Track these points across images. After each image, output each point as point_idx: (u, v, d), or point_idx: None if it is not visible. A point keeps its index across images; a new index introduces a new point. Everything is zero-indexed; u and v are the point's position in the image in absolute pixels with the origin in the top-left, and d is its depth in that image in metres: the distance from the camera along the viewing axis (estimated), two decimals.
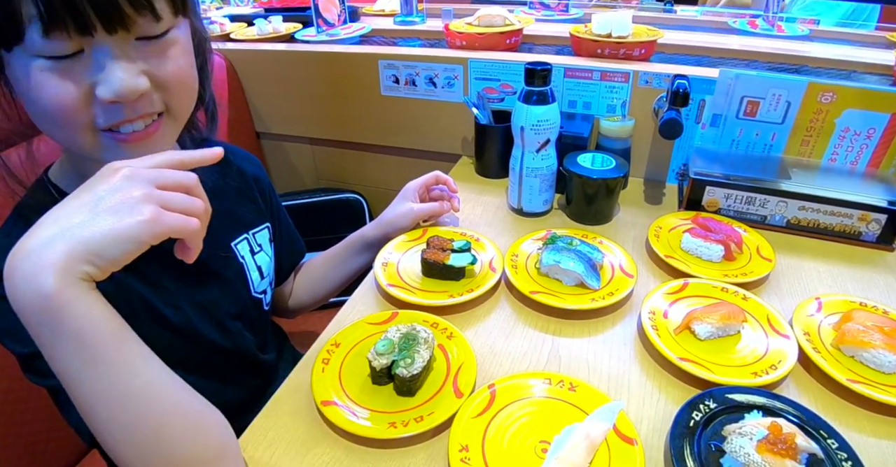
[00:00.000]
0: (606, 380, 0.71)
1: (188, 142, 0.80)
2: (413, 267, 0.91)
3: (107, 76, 0.54)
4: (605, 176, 0.99)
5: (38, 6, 0.48)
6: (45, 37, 0.50)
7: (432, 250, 0.88)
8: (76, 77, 0.53)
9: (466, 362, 0.70)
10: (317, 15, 1.42)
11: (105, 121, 0.57)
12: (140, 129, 0.59)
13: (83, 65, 0.53)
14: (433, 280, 0.88)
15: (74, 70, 0.53)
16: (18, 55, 0.52)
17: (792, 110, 1.03)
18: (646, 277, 0.90)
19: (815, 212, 0.99)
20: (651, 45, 1.21)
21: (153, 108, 0.60)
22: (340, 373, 0.69)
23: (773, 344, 0.75)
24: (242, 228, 0.84)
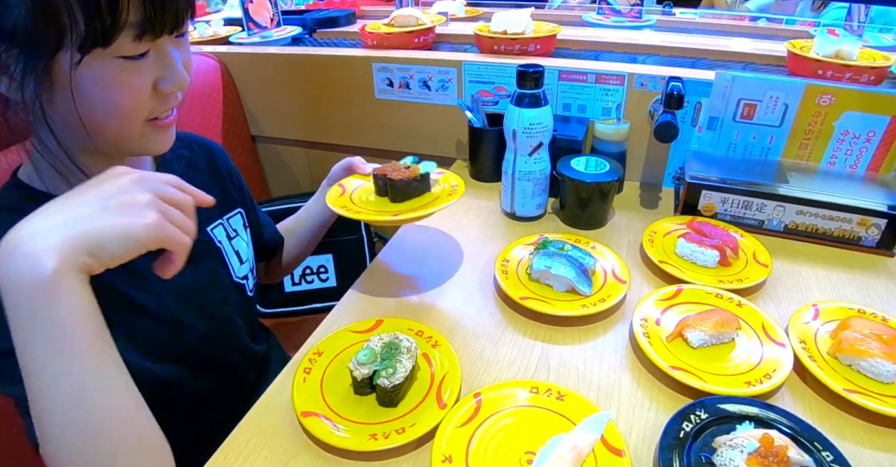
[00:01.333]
0: (596, 389, 0.70)
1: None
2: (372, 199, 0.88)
3: (170, 71, 0.61)
4: (599, 180, 0.97)
5: (145, 11, 0.54)
6: (136, 41, 0.55)
7: (396, 173, 0.85)
8: (145, 74, 0.59)
9: (451, 371, 0.68)
10: (247, 19, 1.48)
11: (162, 111, 0.64)
12: (172, 114, 0.67)
13: (150, 63, 0.59)
14: (410, 201, 0.86)
15: (144, 68, 0.59)
16: (97, 57, 0.55)
17: (790, 113, 1.02)
18: (639, 283, 0.88)
19: (814, 216, 0.97)
20: (547, 40, 1.28)
21: (182, 97, 0.67)
22: (322, 383, 0.68)
23: (767, 352, 0.73)
24: (216, 215, 0.85)
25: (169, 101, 0.64)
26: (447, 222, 1.06)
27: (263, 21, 1.52)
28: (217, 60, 1.38)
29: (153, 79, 0.60)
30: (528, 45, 1.26)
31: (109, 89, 0.57)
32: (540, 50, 1.27)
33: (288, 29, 1.56)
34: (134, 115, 0.61)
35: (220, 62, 1.39)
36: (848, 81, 1.13)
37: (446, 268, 0.93)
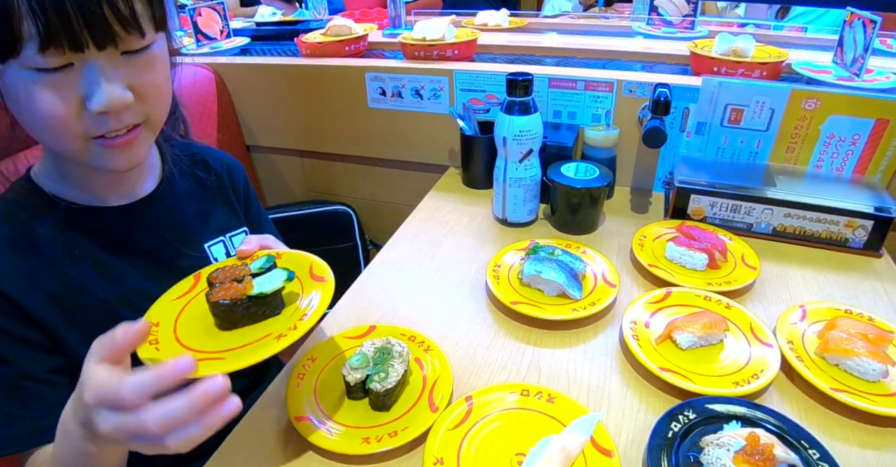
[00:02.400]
0: (586, 391, 0.71)
1: (161, 143, 0.82)
2: (199, 323, 0.61)
3: (97, 90, 0.57)
4: (589, 185, 0.99)
5: (38, 25, 0.51)
6: (41, 53, 0.53)
7: (221, 287, 0.61)
8: (67, 90, 0.57)
9: (443, 375, 0.69)
10: (196, 31, 1.53)
11: (94, 131, 0.60)
12: (122, 135, 0.63)
13: (74, 78, 0.57)
14: (240, 330, 0.60)
15: (66, 83, 0.56)
16: (13, 67, 0.55)
17: (776, 117, 1.03)
18: (630, 287, 0.89)
19: (801, 219, 0.98)
20: (466, 45, 1.34)
21: (135, 119, 0.63)
22: (316, 388, 0.69)
23: (755, 353, 0.74)
24: (218, 231, 0.85)
25: (105, 122, 0.60)
26: (440, 229, 1.07)
27: (213, 33, 1.57)
28: (212, 71, 1.40)
29: (79, 95, 0.57)
30: (445, 51, 1.32)
31: (29, 101, 0.56)
32: (458, 55, 1.33)
33: (237, 40, 1.61)
34: (60, 131, 0.59)
35: (215, 73, 1.40)
36: (741, 76, 1.17)
37: (439, 274, 0.94)
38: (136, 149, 0.66)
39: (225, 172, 0.90)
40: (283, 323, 0.60)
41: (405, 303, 0.87)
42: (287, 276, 0.63)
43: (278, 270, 0.64)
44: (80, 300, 0.68)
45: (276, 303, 0.62)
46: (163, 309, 0.63)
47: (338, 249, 1.47)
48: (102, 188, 0.73)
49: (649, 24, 1.65)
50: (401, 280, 0.93)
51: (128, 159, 0.66)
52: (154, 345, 0.56)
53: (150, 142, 0.69)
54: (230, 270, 0.64)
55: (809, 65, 1.22)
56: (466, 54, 1.36)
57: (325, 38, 1.41)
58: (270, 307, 0.61)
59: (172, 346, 0.57)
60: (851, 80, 1.12)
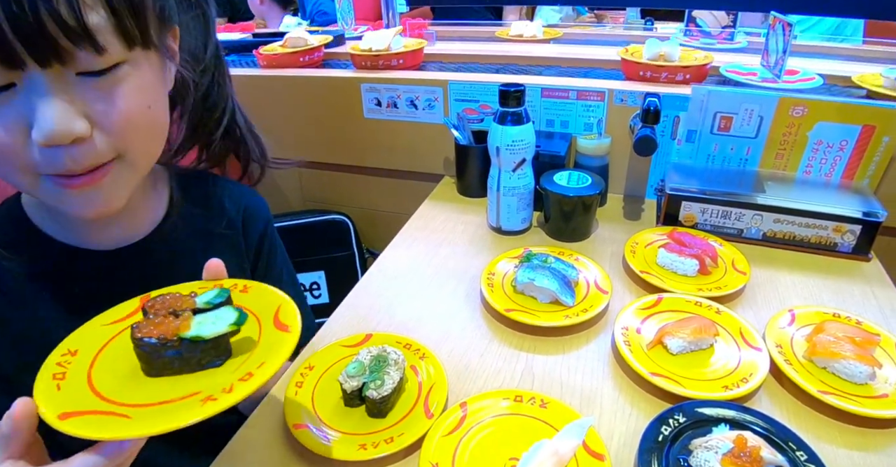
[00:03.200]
0: (579, 396, 0.72)
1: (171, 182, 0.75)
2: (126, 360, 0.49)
3: (40, 116, 0.47)
4: (581, 193, 1.00)
5: None
6: None
7: (151, 321, 0.48)
8: (11, 114, 0.48)
9: (438, 382, 0.71)
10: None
11: (45, 169, 0.51)
12: (85, 173, 0.53)
13: (19, 101, 0.48)
14: (166, 380, 0.48)
15: (8, 106, 0.48)
16: None
17: (765, 124, 1.05)
18: (622, 293, 0.91)
19: (791, 224, 1.00)
20: (411, 55, 1.39)
21: (99, 158, 0.53)
22: (313, 396, 0.70)
23: (745, 357, 0.75)
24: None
25: (57, 157, 0.50)
26: (435, 237, 1.09)
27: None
28: None
29: (23, 122, 0.48)
30: (390, 61, 1.37)
31: None
32: (403, 64, 1.39)
33: None
34: (6, 163, 0.50)
35: None
36: (665, 81, 1.21)
37: (434, 283, 0.95)
38: (108, 191, 0.55)
39: (241, 217, 0.81)
40: (220, 378, 0.47)
41: (401, 311, 0.89)
42: (236, 319, 0.49)
43: (228, 309, 0.51)
44: (44, 346, 0.51)
45: (220, 350, 0.49)
46: (89, 334, 0.51)
47: (335, 258, 1.49)
48: (86, 228, 0.65)
49: (687, 35, 1.65)
50: (396, 288, 0.95)
51: (93, 204, 0.55)
52: (58, 379, 0.46)
53: (131, 184, 0.59)
54: (172, 299, 0.51)
55: (738, 67, 1.27)
56: (412, 63, 1.41)
57: (284, 50, 1.46)
58: (209, 355, 0.48)
59: (78, 387, 0.46)
60: (774, 81, 1.17)
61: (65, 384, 0.46)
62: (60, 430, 0.40)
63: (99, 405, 0.43)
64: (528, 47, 1.66)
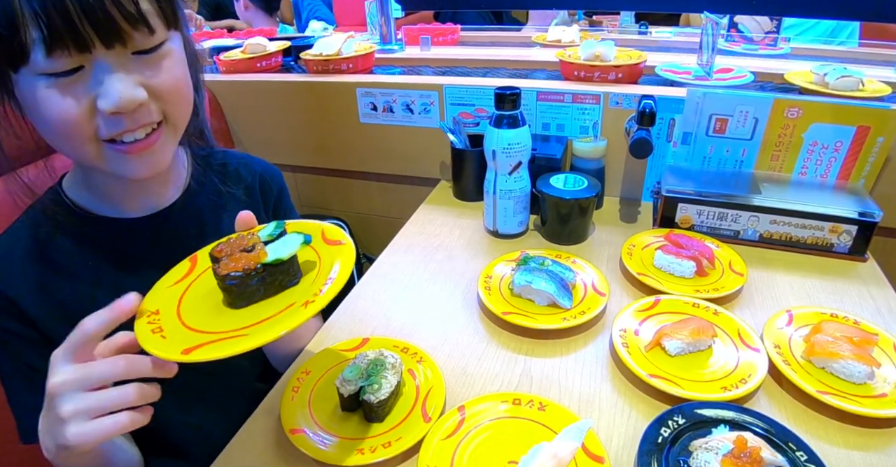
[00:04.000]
0: (577, 399, 0.72)
1: (190, 157, 0.82)
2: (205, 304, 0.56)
3: (106, 89, 0.57)
4: (578, 196, 1.00)
5: (41, 29, 0.52)
6: (48, 56, 0.53)
7: (229, 259, 0.55)
8: (78, 92, 0.57)
9: (435, 386, 0.70)
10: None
11: (107, 132, 0.60)
12: (141, 139, 0.62)
13: (84, 80, 0.57)
14: (257, 306, 0.55)
15: (76, 85, 0.56)
16: (24, 75, 0.55)
17: (760, 126, 1.05)
18: (619, 295, 0.91)
19: (787, 225, 1.00)
20: (363, 59, 1.44)
21: (151, 118, 0.62)
22: (310, 401, 0.70)
23: (743, 357, 0.75)
24: None
25: (119, 123, 0.59)
26: (432, 241, 1.08)
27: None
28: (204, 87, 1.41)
29: (90, 97, 0.57)
30: (340, 65, 1.41)
31: (41, 107, 0.56)
32: (352, 68, 1.42)
33: None
34: (73, 134, 0.59)
35: (207, 89, 1.42)
36: (598, 80, 1.24)
37: (431, 287, 0.95)
38: (158, 153, 0.65)
39: (257, 184, 0.89)
40: (305, 291, 0.54)
41: (398, 315, 0.88)
42: (304, 240, 0.57)
43: (292, 235, 0.59)
44: (90, 313, 0.66)
45: (294, 270, 0.56)
46: (160, 296, 0.57)
47: None
48: (123, 198, 0.73)
49: (728, 41, 1.63)
50: (393, 292, 0.94)
51: (148, 165, 0.65)
52: (158, 333, 0.51)
53: (173, 146, 0.68)
54: (236, 242, 0.58)
55: (674, 67, 1.31)
56: (363, 67, 1.45)
57: (244, 56, 1.50)
58: (288, 275, 0.56)
59: (180, 332, 0.51)
60: (706, 79, 1.21)
61: (168, 333, 0.51)
62: (191, 361, 0.47)
63: (210, 337, 0.49)
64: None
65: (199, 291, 0.57)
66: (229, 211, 0.84)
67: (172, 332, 0.51)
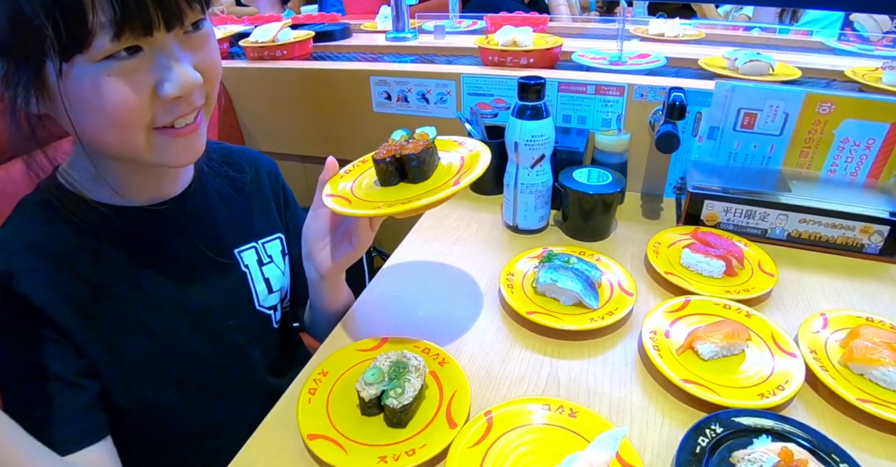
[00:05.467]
0: (608, 404, 0.69)
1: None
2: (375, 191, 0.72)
3: (171, 73, 0.55)
4: (602, 191, 0.97)
5: (114, 9, 0.49)
6: (115, 40, 0.51)
7: (408, 145, 0.70)
8: (140, 78, 0.54)
9: (460, 389, 0.67)
10: None
11: (166, 119, 0.58)
12: (191, 122, 0.61)
13: (146, 65, 0.54)
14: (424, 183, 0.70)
15: (138, 71, 0.54)
16: (79, 64, 0.52)
17: (790, 121, 1.02)
18: (645, 295, 0.87)
19: (817, 224, 0.97)
20: (295, 46, 1.47)
21: (201, 100, 0.61)
22: (328, 404, 0.66)
23: (779, 363, 0.72)
24: (250, 236, 0.82)
25: (176, 107, 0.58)
26: (449, 236, 1.05)
27: None
28: None
29: (152, 82, 0.55)
30: (274, 52, 1.45)
31: (100, 96, 0.53)
32: (286, 55, 1.46)
33: None
34: (131, 123, 0.56)
35: None
36: (511, 65, 1.28)
37: (449, 284, 0.92)
38: (200, 137, 0.64)
39: (263, 175, 0.88)
40: (448, 174, 0.71)
41: (416, 314, 0.85)
42: (435, 129, 0.73)
43: (423, 128, 0.73)
44: (100, 305, 0.65)
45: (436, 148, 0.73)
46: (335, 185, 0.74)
47: None
48: (136, 188, 0.70)
49: (841, 40, 1.56)
50: (410, 289, 0.91)
51: (191, 150, 0.63)
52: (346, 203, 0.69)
53: (206, 129, 0.66)
54: (387, 146, 0.71)
55: (591, 52, 1.34)
56: (300, 54, 1.48)
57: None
58: (436, 152, 0.72)
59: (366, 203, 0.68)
60: (621, 64, 1.26)
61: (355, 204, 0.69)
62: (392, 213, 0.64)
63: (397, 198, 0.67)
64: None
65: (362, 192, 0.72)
66: (238, 201, 0.82)
67: (358, 205, 0.68)
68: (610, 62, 1.27)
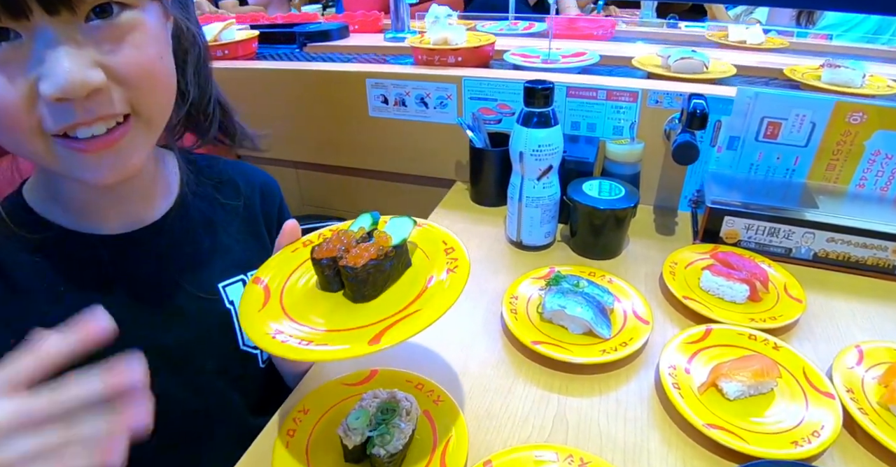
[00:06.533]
0: (622, 452, 0.61)
1: (180, 161, 0.71)
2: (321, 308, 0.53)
3: (50, 67, 0.44)
4: (615, 206, 0.89)
5: None
6: None
7: (355, 251, 0.53)
8: (15, 70, 0.45)
9: (457, 433, 0.59)
10: None
11: (54, 125, 0.47)
12: (101, 134, 0.49)
13: (23, 55, 0.44)
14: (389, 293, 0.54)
15: (13, 62, 0.44)
16: None
17: (817, 132, 0.94)
18: (662, 322, 0.80)
19: (846, 244, 0.89)
20: (242, 45, 1.42)
21: (113, 109, 0.49)
22: (308, 448, 0.59)
23: (812, 404, 0.64)
24: (237, 268, 0.72)
25: (66, 112, 0.47)
26: None
27: None
28: None
29: (30, 78, 0.45)
30: (215, 51, 1.37)
31: None
32: (227, 55, 1.40)
33: None
34: (9, 125, 0.47)
35: None
36: (438, 64, 1.24)
37: None
38: (123, 154, 0.52)
39: (257, 196, 0.79)
40: (426, 267, 0.55)
41: (409, 341, 0.77)
42: (412, 220, 0.58)
43: (395, 218, 0.58)
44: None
45: (408, 252, 0.57)
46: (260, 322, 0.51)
47: None
48: (99, 210, 0.62)
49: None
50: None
51: (111, 168, 0.52)
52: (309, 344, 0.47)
53: (146, 146, 0.55)
54: (335, 239, 0.54)
55: (524, 51, 1.31)
56: (243, 54, 1.42)
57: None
58: (405, 256, 0.56)
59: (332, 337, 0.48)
60: (553, 63, 1.24)
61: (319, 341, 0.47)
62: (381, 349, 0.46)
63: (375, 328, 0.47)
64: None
65: (298, 303, 0.54)
66: (227, 227, 0.73)
67: (324, 339, 0.48)
68: (542, 60, 1.25)
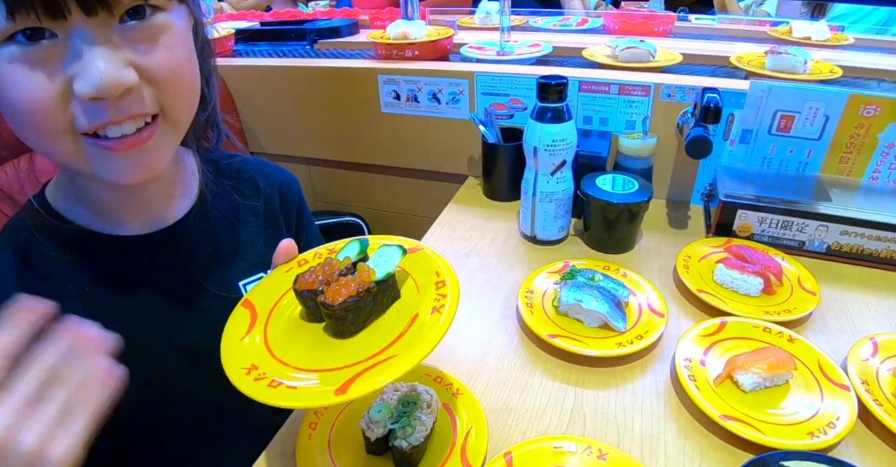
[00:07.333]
0: (639, 443, 0.62)
1: (200, 162, 0.71)
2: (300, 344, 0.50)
3: (85, 67, 0.45)
4: (628, 200, 0.89)
5: None
6: (11, 19, 0.42)
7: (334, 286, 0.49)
8: (50, 69, 0.45)
9: (476, 426, 0.60)
10: None
11: (87, 123, 0.48)
12: (130, 134, 0.50)
13: (59, 54, 0.45)
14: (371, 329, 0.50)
15: (49, 61, 0.45)
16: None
17: (830, 125, 0.94)
18: (676, 315, 0.80)
19: (860, 237, 0.89)
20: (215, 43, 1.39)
21: (144, 109, 0.50)
22: (330, 440, 0.60)
23: (828, 395, 0.65)
24: (258, 267, 0.72)
25: (100, 111, 0.47)
26: (462, 247, 0.98)
27: None
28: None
29: (66, 77, 0.46)
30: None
31: (5, 86, 0.45)
32: (217, 54, 1.34)
33: None
34: (42, 124, 0.47)
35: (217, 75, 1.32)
36: (396, 58, 1.28)
37: (464, 300, 0.84)
38: (151, 154, 0.53)
39: (277, 195, 0.79)
40: (414, 302, 0.51)
41: None
42: (401, 250, 0.53)
43: (384, 248, 0.54)
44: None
45: (395, 285, 0.53)
46: (241, 351, 0.49)
47: None
48: (121, 210, 0.62)
49: None
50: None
51: (138, 168, 0.53)
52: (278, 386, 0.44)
53: (172, 147, 0.57)
54: (319, 269, 0.51)
55: (480, 44, 1.36)
56: (219, 51, 1.42)
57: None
58: (392, 290, 0.52)
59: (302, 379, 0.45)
60: (508, 55, 1.28)
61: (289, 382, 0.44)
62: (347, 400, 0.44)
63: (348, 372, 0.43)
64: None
65: (280, 334, 0.51)
66: (247, 226, 0.74)
67: (296, 381, 0.45)
68: (497, 53, 1.29)
